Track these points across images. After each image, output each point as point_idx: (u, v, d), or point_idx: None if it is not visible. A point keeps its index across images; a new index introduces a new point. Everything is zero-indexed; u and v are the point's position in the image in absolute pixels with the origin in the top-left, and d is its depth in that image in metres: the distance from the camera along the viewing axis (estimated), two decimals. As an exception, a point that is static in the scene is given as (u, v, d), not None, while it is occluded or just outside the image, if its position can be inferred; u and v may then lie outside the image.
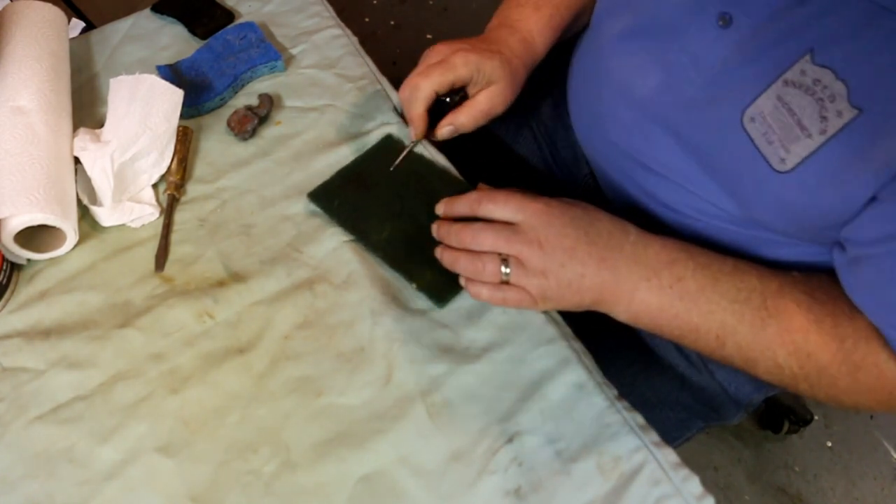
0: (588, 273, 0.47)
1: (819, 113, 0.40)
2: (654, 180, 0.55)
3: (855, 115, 0.38)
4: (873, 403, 0.45)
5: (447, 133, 0.57)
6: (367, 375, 0.50)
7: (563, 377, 0.50)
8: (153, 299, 0.54)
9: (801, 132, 0.41)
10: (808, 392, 0.47)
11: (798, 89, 0.41)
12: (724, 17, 0.45)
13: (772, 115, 0.42)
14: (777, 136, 0.42)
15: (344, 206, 0.58)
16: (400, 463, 0.46)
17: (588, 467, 0.46)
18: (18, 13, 0.64)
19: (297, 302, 0.54)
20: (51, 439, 0.48)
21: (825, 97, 0.39)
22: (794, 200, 0.43)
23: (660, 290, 0.47)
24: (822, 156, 0.40)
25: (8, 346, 0.52)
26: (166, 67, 0.67)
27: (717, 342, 0.47)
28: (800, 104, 0.40)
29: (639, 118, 0.53)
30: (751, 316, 0.46)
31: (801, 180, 0.42)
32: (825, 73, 0.39)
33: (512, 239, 0.48)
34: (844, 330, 0.44)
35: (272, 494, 0.45)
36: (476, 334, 0.52)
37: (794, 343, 0.45)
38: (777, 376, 0.47)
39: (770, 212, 0.46)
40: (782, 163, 0.43)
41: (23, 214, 0.52)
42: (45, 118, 0.58)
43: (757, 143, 0.44)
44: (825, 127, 0.40)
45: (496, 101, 0.57)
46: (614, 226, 0.49)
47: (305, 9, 0.75)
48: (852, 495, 1.13)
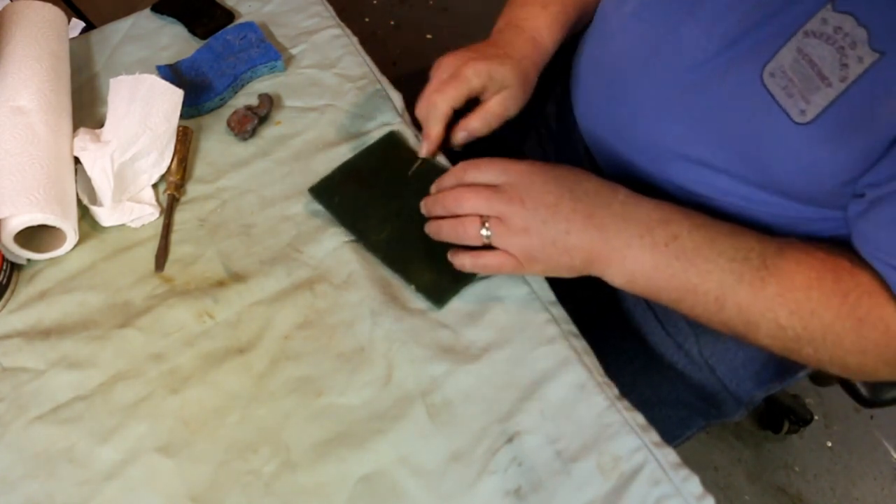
0: (573, 229, 0.47)
1: (839, 61, 0.40)
2: (668, 160, 0.54)
3: (876, 59, 0.38)
4: (881, 363, 0.44)
5: (461, 139, 0.57)
6: (367, 375, 0.50)
7: (564, 377, 0.50)
8: (153, 299, 0.54)
9: (822, 82, 0.41)
10: (812, 357, 0.45)
11: (819, 39, 0.40)
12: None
13: (792, 68, 0.42)
14: (797, 88, 0.42)
15: (344, 203, 0.58)
16: (400, 463, 0.46)
17: (588, 467, 0.46)
18: (18, 13, 0.64)
19: (297, 302, 0.54)
20: (51, 439, 0.48)
21: (846, 45, 0.39)
22: (815, 152, 0.43)
23: (654, 247, 0.46)
24: (842, 103, 0.40)
25: (8, 346, 0.52)
26: (166, 67, 0.67)
27: (717, 304, 0.46)
28: (820, 54, 0.40)
29: (653, 95, 0.53)
30: (750, 275, 0.45)
31: (822, 130, 0.42)
32: (846, 20, 0.39)
33: (492, 198, 0.48)
34: (847, 284, 0.43)
35: (272, 494, 0.45)
36: (476, 334, 0.52)
37: (797, 301, 0.44)
38: (780, 339, 0.45)
39: (790, 169, 0.46)
40: (802, 115, 0.42)
41: (23, 214, 0.52)
42: (45, 118, 0.58)
43: (777, 97, 0.43)
44: (845, 74, 0.40)
45: (509, 104, 0.57)
46: (602, 185, 0.49)
47: (305, 9, 0.75)
48: (852, 495, 1.13)
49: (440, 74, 0.56)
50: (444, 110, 0.55)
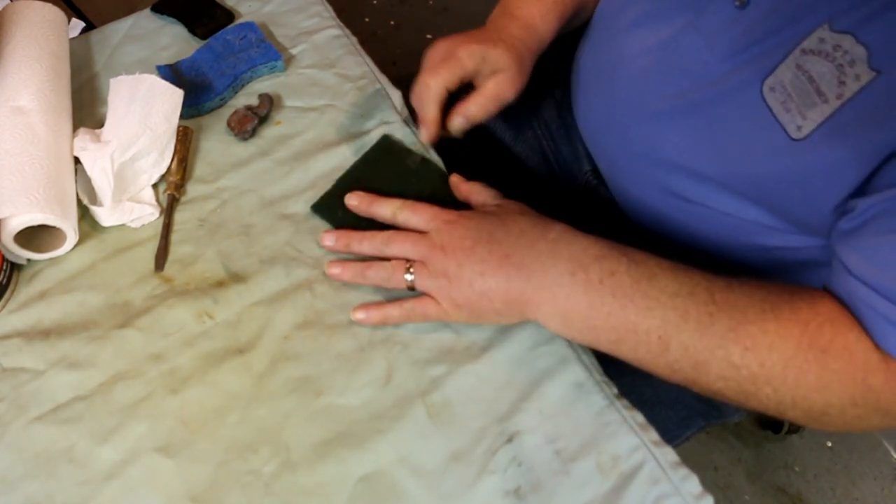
0: (488, 270, 0.46)
1: (838, 78, 0.40)
2: (667, 170, 0.54)
3: (873, 77, 0.38)
4: (846, 402, 0.40)
5: (459, 125, 0.57)
6: (367, 376, 0.50)
7: (563, 376, 0.50)
8: (153, 299, 0.54)
9: (819, 98, 0.41)
10: (771, 399, 0.41)
11: (818, 56, 0.40)
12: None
13: (791, 84, 0.42)
14: (795, 103, 0.42)
15: (347, 216, 0.57)
16: (400, 463, 0.46)
17: (587, 466, 0.46)
18: (18, 13, 0.64)
19: (296, 302, 0.54)
20: (51, 439, 0.48)
21: (845, 62, 0.39)
22: (807, 168, 0.43)
23: (587, 284, 0.44)
24: (837, 119, 0.40)
25: (8, 346, 0.52)
26: (166, 67, 0.68)
27: (660, 344, 0.43)
28: (819, 71, 0.40)
29: (652, 104, 0.53)
30: (696, 311, 0.42)
31: (816, 146, 0.42)
32: (845, 38, 0.39)
33: (418, 242, 0.50)
34: (805, 314, 0.40)
35: (272, 494, 0.45)
36: (477, 334, 0.52)
37: (751, 336, 0.40)
38: (734, 381, 0.41)
39: (784, 184, 0.45)
40: (798, 130, 0.42)
41: (23, 214, 0.52)
42: (45, 118, 0.58)
43: (775, 111, 0.43)
44: (842, 91, 0.40)
45: (505, 87, 0.57)
46: (532, 225, 0.48)
47: (305, 9, 0.75)
48: (852, 495, 1.13)
49: (433, 57, 0.56)
50: (437, 91, 0.55)
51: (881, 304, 0.38)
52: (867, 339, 0.39)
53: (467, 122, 0.57)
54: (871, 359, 0.39)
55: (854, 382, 0.40)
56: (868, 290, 0.39)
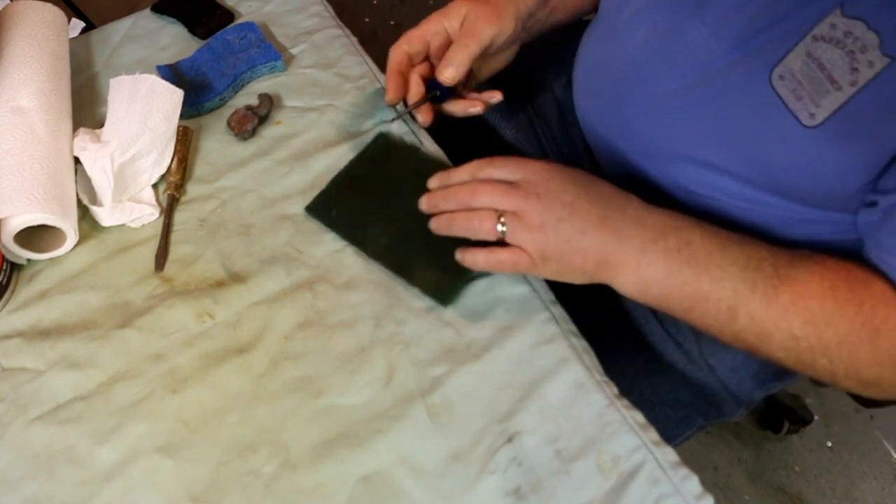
0: (588, 229, 0.46)
1: (850, 65, 0.39)
2: (670, 161, 0.54)
3: (887, 64, 0.38)
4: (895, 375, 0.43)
5: (449, 73, 0.56)
6: (368, 376, 0.50)
7: (563, 376, 0.50)
8: (153, 299, 0.54)
9: (832, 86, 0.40)
10: (827, 369, 0.44)
11: (828, 43, 0.40)
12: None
13: (801, 72, 0.42)
14: (807, 91, 0.42)
15: (342, 215, 0.57)
16: (400, 463, 0.46)
17: (587, 467, 0.46)
18: (18, 13, 0.64)
19: (296, 302, 0.54)
20: (51, 439, 0.48)
21: (856, 49, 0.39)
22: (824, 155, 0.43)
23: (667, 252, 0.46)
24: (852, 107, 0.40)
25: (8, 346, 0.52)
26: (166, 67, 0.67)
27: (729, 313, 0.45)
28: (830, 58, 0.40)
29: (657, 96, 0.53)
30: (763, 284, 0.44)
31: (831, 133, 0.42)
32: (857, 25, 0.39)
33: (510, 193, 0.47)
34: (861, 294, 0.42)
35: (272, 495, 0.45)
36: (478, 333, 0.52)
37: (810, 311, 0.43)
38: (794, 351, 0.44)
39: (796, 171, 0.45)
40: (811, 118, 0.42)
41: (23, 214, 0.52)
42: (45, 118, 0.58)
43: (786, 100, 0.43)
44: (855, 78, 0.39)
45: (477, 23, 0.56)
46: (617, 191, 0.49)
47: (305, 9, 0.75)
48: (852, 495, 1.13)
49: None
50: (394, 55, 0.57)
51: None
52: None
53: (455, 68, 0.56)
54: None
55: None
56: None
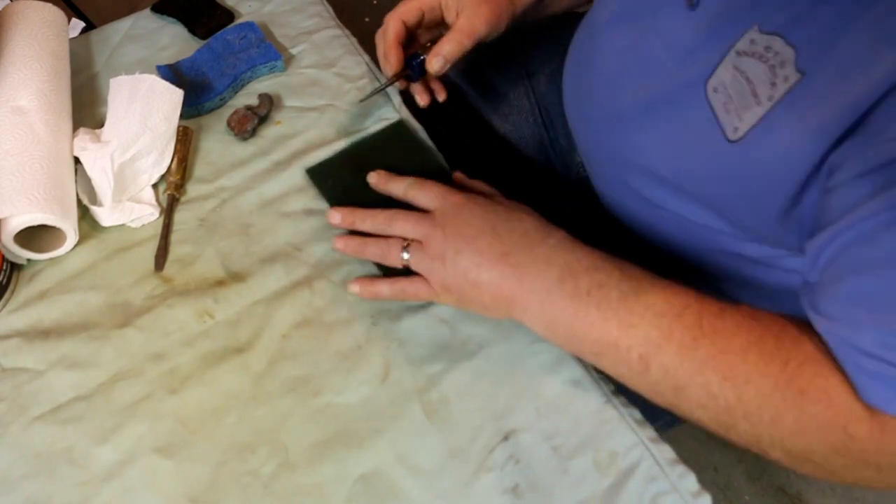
0: (484, 263, 0.46)
1: (770, 80, 0.39)
2: (631, 171, 0.54)
3: (798, 79, 0.38)
4: (828, 447, 0.38)
5: (437, 64, 0.57)
6: (365, 374, 0.50)
7: (559, 373, 0.50)
8: (153, 299, 0.54)
9: (754, 100, 0.41)
10: (750, 435, 0.40)
11: (752, 58, 0.40)
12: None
13: (731, 85, 0.42)
14: (734, 105, 0.42)
15: (337, 185, 0.59)
16: (397, 462, 0.46)
17: (585, 464, 0.46)
18: (18, 13, 0.65)
19: (295, 300, 0.54)
20: (50, 439, 0.48)
21: (776, 63, 0.39)
22: (743, 170, 0.42)
23: (575, 293, 0.44)
24: (767, 121, 0.40)
25: (8, 346, 0.52)
26: (166, 67, 0.68)
27: (641, 363, 0.42)
28: (755, 72, 0.40)
29: (619, 105, 0.53)
30: (681, 334, 0.40)
31: (749, 147, 0.41)
32: (774, 40, 0.39)
33: (420, 223, 0.50)
34: (789, 352, 0.39)
35: (271, 495, 0.46)
36: (473, 329, 0.52)
37: (730, 366, 0.39)
38: (712, 410, 0.40)
39: (725, 187, 0.45)
40: (735, 132, 0.42)
41: (23, 214, 0.52)
42: (45, 118, 0.58)
43: (717, 112, 0.43)
44: (773, 93, 0.39)
45: (475, 20, 0.56)
46: (535, 228, 0.48)
47: (305, 9, 0.75)
48: (852, 495, 1.13)
49: None
50: (394, 23, 0.56)
51: (852, 352, 0.36)
52: (849, 385, 0.37)
53: (445, 60, 0.57)
54: (853, 407, 0.37)
55: (834, 429, 0.37)
56: (835, 337, 0.37)
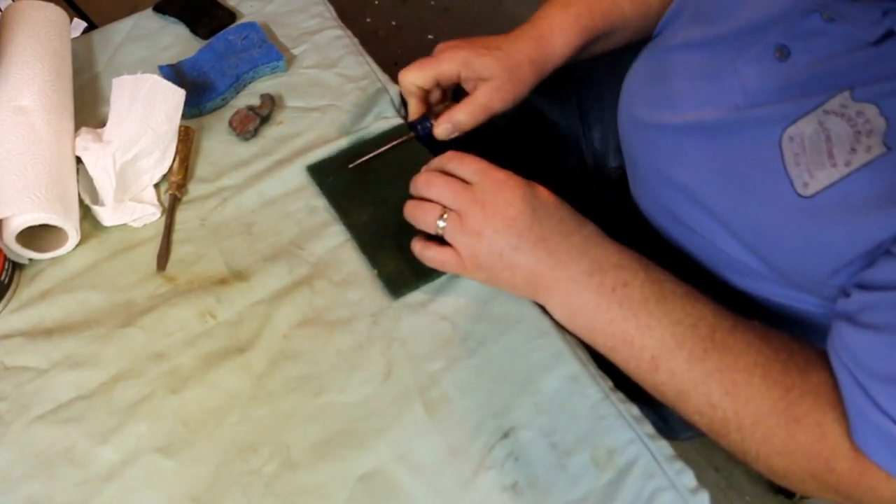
0: (522, 247, 0.46)
1: (851, 145, 0.39)
2: (676, 192, 0.54)
3: (882, 153, 0.38)
4: (807, 472, 0.40)
5: (444, 132, 0.57)
6: (366, 373, 0.50)
7: (557, 370, 0.50)
8: (155, 299, 0.54)
9: (829, 160, 0.40)
10: (738, 446, 0.42)
11: (841, 118, 0.40)
12: (783, 49, 0.44)
13: (809, 138, 0.41)
14: (806, 159, 0.42)
15: (336, 183, 0.60)
16: (398, 461, 0.47)
17: (583, 460, 0.46)
18: (21, 13, 0.65)
19: (296, 299, 0.54)
20: (51, 439, 0.48)
21: (863, 130, 0.39)
22: (808, 227, 0.42)
23: (600, 288, 0.45)
24: (843, 187, 0.40)
25: (10, 346, 0.52)
26: (168, 67, 0.68)
27: (651, 364, 0.44)
28: (838, 132, 0.40)
29: (679, 124, 0.53)
30: (692, 344, 0.42)
31: (819, 208, 0.41)
32: (869, 107, 0.39)
33: (459, 193, 0.48)
34: (794, 380, 0.40)
35: (272, 494, 0.46)
36: (473, 327, 0.52)
37: (734, 383, 0.41)
38: (708, 418, 0.43)
39: (781, 237, 0.45)
40: (805, 187, 0.42)
41: (24, 214, 0.52)
42: (47, 118, 0.58)
43: (787, 162, 0.43)
44: (850, 159, 0.39)
45: (493, 96, 0.56)
46: (570, 216, 0.48)
47: (307, 9, 0.75)
48: (853, 496, 1.12)
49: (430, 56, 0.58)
50: (407, 87, 0.57)
51: (860, 397, 0.38)
52: (843, 423, 0.39)
53: (454, 128, 0.57)
54: (840, 444, 0.39)
55: (818, 460, 0.40)
56: (851, 377, 0.39)
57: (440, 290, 0.54)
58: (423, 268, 0.52)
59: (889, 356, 0.37)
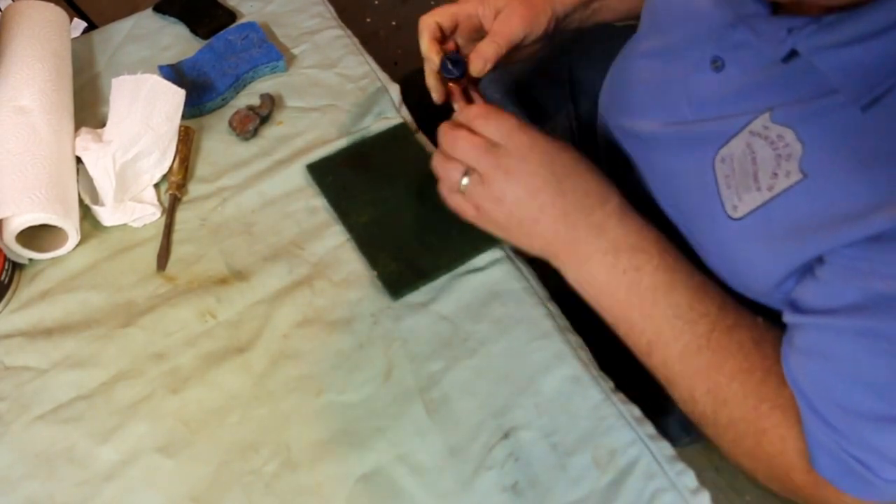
0: (543, 220, 0.46)
1: (773, 169, 0.39)
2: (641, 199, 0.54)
3: (798, 180, 0.38)
4: (771, 479, 0.43)
5: (479, 67, 0.55)
6: (367, 373, 0.50)
7: (558, 371, 0.50)
8: (156, 299, 0.54)
9: (754, 183, 0.41)
10: (713, 438, 0.45)
11: (764, 140, 0.40)
12: (717, 61, 0.45)
13: (738, 160, 0.42)
14: (735, 181, 0.42)
15: (336, 183, 0.60)
16: (398, 461, 0.46)
17: (584, 461, 0.46)
18: (21, 13, 0.65)
19: (296, 299, 0.54)
20: (52, 439, 0.48)
21: (783, 154, 0.39)
22: (737, 249, 0.43)
23: (612, 269, 0.45)
24: (765, 212, 0.40)
25: (10, 345, 0.52)
26: (168, 67, 0.68)
27: (647, 348, 0.45)
28: (763, 156, 0.40)
29: (632, 134, 0.54)
30: (689, 339, 0.43)
31: (746, 230, 0.42)
32: (787, 131, 0.39)
33: (484, 155, 0.46)
34: (768, 392, 0.42)
35: (272, 494, 0.46)
36: (474, 327, 0.52)
37: (717, 385, 0.43)
38: (690, 408, 0.45)
39: (716, 257, 0.46)
40: (734, 209, 0.42)
41: (25, 214, 0.52)
42: (47, 118, 0.58)
43: (719, 184, 0.44)
44: (773, 183, 0.40)
45: (512, 21, 0.55)
46: (598, 188, 0.47)
47: (307, 9, 0.75)
48: (854, 496, 1.12)
49: None
50: (428, 23, 0.55)
51: (811, 419, 0.39)
52: (804, 439, 0.40)
53: (486, 61, 0.55)
54: (798, 461, 0.40)
55: (779, 469, 0.42)
56: (800, 394, 0.40)
57: (440, 291, 0.54)
58: (423, 268, 0.52)
59: (821, 380, 0.38)
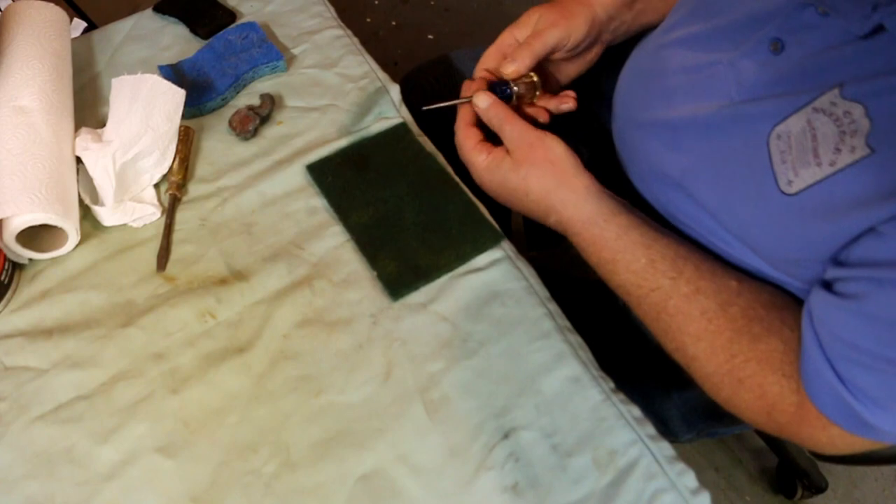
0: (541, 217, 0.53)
1: (836, 144, 0.39)
2: (668, 187, 0.54)
3: (865, 155, 0.38)
4: (756, 418, 0.46)
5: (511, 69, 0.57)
6: (366, 373, 0.50)
7: (558, 371, 0.50)
8: (155, 299, 0.54)
9: (814, 159, 0.41)
10: (698, 380, 0.48)
11: (828, 117, 0.40)
12: (777, 43, 0.45)
13: (796, 137, 0.42)
14: (791, 157, 0.42)
15: (336, 183, 0.60)
16: (398, 461, 0.47)
17: (584, 462, 0.46)
18: (21, 13, 0.65)
19: (296, 300, 0.54)
20: (51, 439, 0.48)
21: (848, 131, 0.39)
22: (790, 224, 0.43)
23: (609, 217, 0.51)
24: (826, 187, 0.40)
25: (10, 346, 0.52)
26: (168, 67, 0.68)
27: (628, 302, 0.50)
28: (824, 132, 0.40)
29: (674, 120, 0.53)
30: (648, 307, 0.49)
31: (802, 206, 0.42)
32: (856, 107, 0.39)
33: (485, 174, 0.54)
34: (739, 347, 0.45)
35: (272, 494, 0.46)
36: (473, 327, 0.52)
37: (683, 343, 0.47)
38: (679, 356, 0.49)
39: (763, 232, 0.46)
40: (789, 185, 0.42)
41: (24, 214, 0.52)
42: (47, 118, 0.58)
43: (773, 160, 0.43)
44: (835, 159, 0.39)
45: (546, 28, 0.57)
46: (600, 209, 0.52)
47: (307, 9, 0.75)
48: (853, 496, 1.13)
49: None
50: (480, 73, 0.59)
51: (817, 353, 0.41)
52: (784, 383, 0.43)
53: (517, 64, 0.56)
54: (780, 401, 0.44)
55: (761, 412, 0.45)
56: (813, 335, 0.41)
57: (440, 291, 0.54)
58: (423, 268, 0.52)
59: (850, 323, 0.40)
